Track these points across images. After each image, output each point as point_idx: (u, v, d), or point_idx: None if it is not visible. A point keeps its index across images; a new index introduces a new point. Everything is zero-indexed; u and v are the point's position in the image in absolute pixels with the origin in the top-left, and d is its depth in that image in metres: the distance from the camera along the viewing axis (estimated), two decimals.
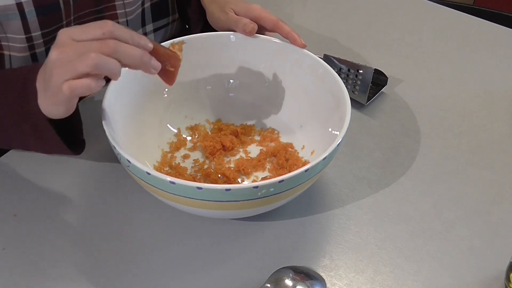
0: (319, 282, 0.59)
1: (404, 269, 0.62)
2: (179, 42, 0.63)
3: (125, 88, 0.68)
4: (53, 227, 0.65)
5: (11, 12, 0.65)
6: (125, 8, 0.77)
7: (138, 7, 0.80)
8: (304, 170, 0.57)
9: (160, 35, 0.87)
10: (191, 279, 0.60)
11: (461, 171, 0.73)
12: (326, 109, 0.69)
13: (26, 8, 0.66)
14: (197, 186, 0.54)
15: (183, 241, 0.64)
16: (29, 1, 0.65)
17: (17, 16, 0.65)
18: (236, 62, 0.76)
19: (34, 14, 0.67)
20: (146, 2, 0.82)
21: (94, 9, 0.75)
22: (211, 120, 0.77)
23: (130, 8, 0.78)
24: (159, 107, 0.74)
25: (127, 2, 0.77)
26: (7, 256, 0.62)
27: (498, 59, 0.92)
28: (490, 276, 0.61)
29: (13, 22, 0.66)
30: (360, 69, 0.80)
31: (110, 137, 0.59)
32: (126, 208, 0.67)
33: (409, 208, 0.68)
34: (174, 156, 0.72)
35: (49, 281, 0.60)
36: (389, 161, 0.74)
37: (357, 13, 1.04)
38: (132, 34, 0.55)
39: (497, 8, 1.20)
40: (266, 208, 0.61)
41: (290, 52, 0.73)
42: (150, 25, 0.84)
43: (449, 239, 0.65)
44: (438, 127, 0.80)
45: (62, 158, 0.72)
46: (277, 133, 0.76)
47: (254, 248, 0.64)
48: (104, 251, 0.63)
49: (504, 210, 0.68)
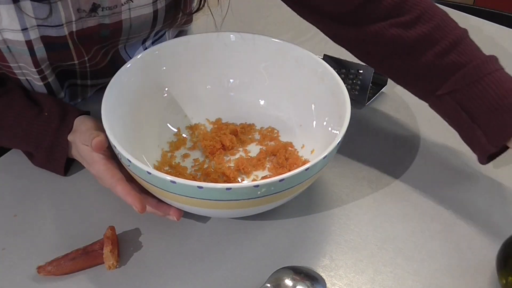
0: (319, 282, 0.59)
1: (404, 269, 0.62)
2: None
3: (125, 88, 0.68)
4: (53, 227, 0.65)
5: (21, 48, 0.65)
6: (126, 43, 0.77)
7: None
8: (304, 169, 0.57)
9: (158, 42, 0.87)
10: (191, 279, 0.60)
11: (461, 171, 0.73)
12: (326, 109, 0.69)
13: (35, 46, 0.65)
14: (198, 185, 0.54)
15: (183, 241, 0.64)
16: (37, 39, 0.65)
17: (27, 52, 0.65)
18: (236, 62, 0.76)
19: (43, 50, 0.67)
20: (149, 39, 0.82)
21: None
22: (211, 120, 0.77)
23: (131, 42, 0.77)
24: (159, 107, 0.74)
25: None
26: (7, 256, 0.62)
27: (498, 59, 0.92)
28: (490, 276, 0.61)
29: (24, 56, 0.66)
30: (360, 69, 0.80)
31: (110, 136, 0.59)
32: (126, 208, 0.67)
33: (409, 208, 0.68)
34: (174, 156, 0.72)
35: (49, 281, 0.60)
36: (389, 161, 0.74)
37: None
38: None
39: (497, 8, 1.20)
40: (266, 207, 0.61)
41: (290, 52, 0.73)
42: (150, 40, 0.84)
43: (449, 239, 0.65)
44: (438, 127, 0.80)
45: None
46: (277, 132, 0.76)
47: (254, 248, 0.64)
48: None
49: (504, 210, 0.68)
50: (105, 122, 0.61)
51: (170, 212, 0.62)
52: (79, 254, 0.60)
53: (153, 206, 0.62)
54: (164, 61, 0.73)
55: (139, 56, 0.70)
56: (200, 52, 0.74)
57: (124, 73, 0.68)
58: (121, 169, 0.62)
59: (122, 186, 0.60)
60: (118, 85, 0.66)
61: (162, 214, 0.63)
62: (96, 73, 0.76)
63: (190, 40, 0.73)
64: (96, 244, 0.61)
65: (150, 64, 0.72)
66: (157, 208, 0.62)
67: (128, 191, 0.60)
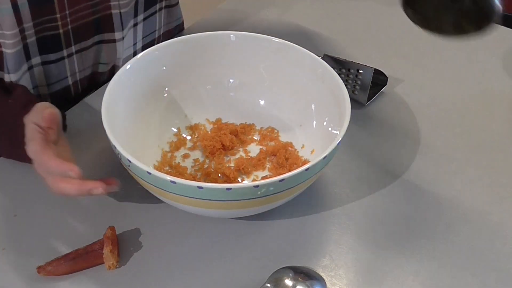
0: (319, 282, 0.59)
1: (404, 269, 0.62)
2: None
3: (125, 88, 0.68)
4: (53, 227, 0.65)
5: (5, 7, 0.65)
6: (119, 1, 0.78)
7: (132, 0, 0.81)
8: (304, 169, 0.57)
9: (148, 24, 0.88)
10: (191, 279, 0.60)
11: (461, 171, 0.73)
12: (326, 109, 0.70)
13: (19, 1, 0.66)
14: (198, 186, 0.54)
15: (183, 241, 0.64)
16: None
17: (10, 11, 0.65)
18: (236, 61, 0.75)
19: (27, 5, 0.67)
20: None
21: (90, 3, 0.75)
22: (211, 120, 0.77)
23: (124, 0, 0.78)
24: (159, 107, 0.74)
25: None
26: (7, 256, 0.62)
27: (498, 59, 0.92)
28: (490, 276, 0.61)
29: (6, 17, 0.66)
30: (360, 69, 0.80)
31: (110, 136, 0.59)
32: (126, 208, 0.67)
33: (409, 208, 0.68)
34: (174, 156, 0.72)
35: (49, 281, 0.60)
36: (389, 161, 0.74)
37: (357, 13, 1.04)
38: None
39: None
40: (266, 207, 0.61)
41: (290, 52, 0.73)
42: (141, 15, 0.85)
43: (449, 239, 0.65)
44: (438, 127, 0.80)
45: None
46: (277, 132, 0.76)
47: (254, 248, 0.64)
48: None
49: (504, 210, 0.68)
50: (105, 122, 0.61)
51: (95, 185, 0.59)
52: (79, 254, 0.60)
53: (78, 184, 0.59)
54: (164, 61, 0.73)
55: (139, 56, 0.70)
56: (200, 52, 0.74)
57: (124, 73, 0.68)
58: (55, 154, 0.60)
59: (55, 160, 0.58)
60: (118, 85, 0.66)
61: (88, 190, 0.59)
62: (77, 33, 0.76)
63: (190, 40, 0.73)
64: (96, 244, 0.61)
65: (150, 64, 0.72)
66: (82, 186, 0.59)
67: (61, 161, 0.58)
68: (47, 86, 0.79)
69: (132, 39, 0.86)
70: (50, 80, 0.79)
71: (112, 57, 0.83)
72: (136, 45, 0.88)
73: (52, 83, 0.79)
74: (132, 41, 0.86)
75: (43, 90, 0.79)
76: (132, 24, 0.84)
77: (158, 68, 0.73)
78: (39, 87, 0.78)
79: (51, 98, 0.80)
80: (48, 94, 0.80)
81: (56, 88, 0.80)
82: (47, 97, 0.80)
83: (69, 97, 0.82)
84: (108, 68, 0.85)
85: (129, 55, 0.87)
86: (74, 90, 0.82)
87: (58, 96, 0.80)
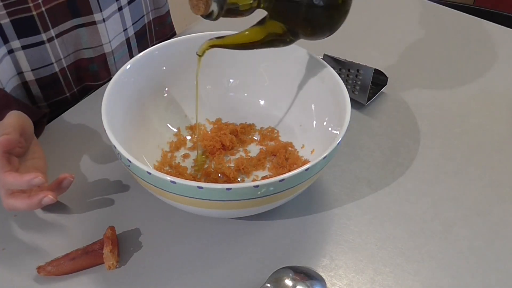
0: (319, 282, 0.59)
1: (404, 269, 0.62)
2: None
3: (125, 88, 0.68)
4: (53, 227, 0.65)
5: None
6: None
7: None
8: (304, 169, 0.57)
9: (134, 8, 0.87)
10: (191, 279, 0.60)
11: (461, 171, 0.73)
12: (326, 109, 0.69)
13: None
14: (198, 186, 0.54)
15: (183, 241, 0.64)
16: None
17: None
18: (236, 61, 0.76)
19: None
20: None
21: None
22: (211, 120, 0.77)
23: None
24: (159, 107, 0.74)
25: None
26: (7, 256, 0.62)
27: (498, 59, 0.92)
28: (490, 276, 0.61)
29: None
30: (360, 69, 0.80)
31: (110, 136, 0.59)
32: (126, 208, 0.67)
33: (409, 208, 0.68)
34: (174, 156, 0.72)
35: (49, 281, 0.60)
36: (389, 161, 0.74)
37: (357, 13, 1.04)
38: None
39: (497, 8, 1.20)
40: (266, 207, 0.61)
41: (290, 52, 0.72)
42: None
43: (449, 239, 0.65)
44: (438, 127, 0.80)
45: (62, 158, 0.72)
46: (277, 132, 0.76)
47: (254, 248, 0.64)
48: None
49: (504, 210, 0.68)
50: (105, 122, 0.61)
51: (44, 194, 0.59)
52: (79, 254, 0.61)
53: (26, 198, 0.60)
54: (164, 61, 0.73)
55: (139, 56, 0.70)
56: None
57: (124, 73, 0.68)
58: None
59: (13, 175, 0.58)
60: (118, 85, 0.66)
61: (37, 202, 0.60)
62: (53, 15, 0.76)
63: (190, 40, 0.73)
64: (96, 244, 0.61)
65: (150, 64, 0.72)
66: (30, 199, 0.60)
67: (18, 175, 0.58)
68: (32, 71, 0.79)
69: (120, 24, 0.85)
70: (34, 66, 0.79)
71: (96, 41, 0.83)
72: (127, 31, 0.88)
73: (37, 69, 0.79)
74: (121, 27, 0.86)
75: (28, 76, 0.79)
76: (116, 7, 0.83)
77: (158, 68, 0.73)
78: (24, 73, 0.78)
79: (40, 85, 0.80)
80: (34, 80, 0.80)
81: (42, 74, 0.80)
82: (34, 83, 0.80)
83: (60, 86, 0.82)
84: (95, 53, 0.84)
85: (122, 41, 0.87)
86: (63, 77, 0.82)
87: (46, 83, 0.81)
